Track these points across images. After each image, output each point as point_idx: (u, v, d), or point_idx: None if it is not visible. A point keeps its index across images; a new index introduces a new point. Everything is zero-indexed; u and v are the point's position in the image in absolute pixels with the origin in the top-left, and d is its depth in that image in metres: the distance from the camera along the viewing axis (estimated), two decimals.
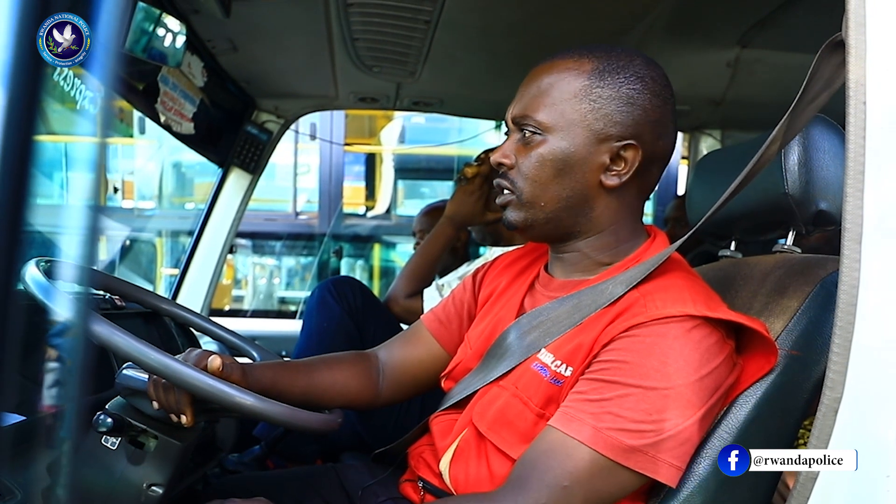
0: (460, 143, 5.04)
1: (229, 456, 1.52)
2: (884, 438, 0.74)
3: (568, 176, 0.92)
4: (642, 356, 0.81)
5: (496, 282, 1.11)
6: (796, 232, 1.02)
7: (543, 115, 0.92)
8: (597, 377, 0.83)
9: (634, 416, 0.79)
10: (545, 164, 0.92)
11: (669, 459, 0.79)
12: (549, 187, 0.93)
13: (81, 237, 0.42)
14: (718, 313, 0.83)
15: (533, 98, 0.94)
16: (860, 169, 0.72)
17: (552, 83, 0.93)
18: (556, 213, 0.94)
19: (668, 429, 0.79)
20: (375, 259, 7.36)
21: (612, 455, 0.79)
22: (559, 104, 0.91)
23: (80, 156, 0.44)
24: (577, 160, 0.91)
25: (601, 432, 0.79)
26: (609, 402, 0.80)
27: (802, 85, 0.77)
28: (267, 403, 0.86)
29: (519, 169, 0.95)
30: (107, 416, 0.88)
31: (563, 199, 0.93)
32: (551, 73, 0.93)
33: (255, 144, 2.22)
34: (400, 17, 1.60)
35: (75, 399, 0.41)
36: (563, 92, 0.92)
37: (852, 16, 0.72)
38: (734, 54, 1.80)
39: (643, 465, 0.79)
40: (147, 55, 1.39)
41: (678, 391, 0.79)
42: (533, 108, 0.93)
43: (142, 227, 6.37)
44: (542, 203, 0.94)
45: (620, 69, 0.91)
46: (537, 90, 0.94)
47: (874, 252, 0.72)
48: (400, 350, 1.18)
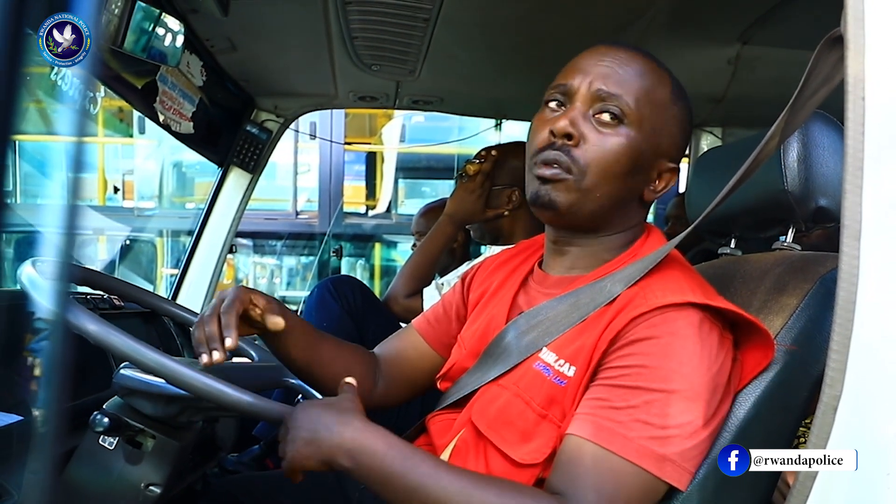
0: (461, 141, 5.03)
1: (228, 456, 1.53)
2: (884, 436, 0.74)
3: (631, 177, 0.91)
4: (661, 359, 0.80)
5: (487, 282, 1.10)
6: (796, 229, 1.02)
7: (635, 104, 0.88)
8: (619, 383, 0.82)
9: (661, 421, 0.78)
10: (621, 157, 0.88)
11: (689, 468, 0.79)
12: (613, 181, 0.89)
13: (61, 236, 0.42)
14: (717, 302, 0.83)
15: (627, 80, 0.88)
16: (859, 165, 0.72)
17: (645, 75, 0.90)
18: (603, 208, 0.91)
19: (690, 432, 0.79)
20: (376, 258, 7.35)
21: (648, 466, 0.78)
22: (649, 103, 0.89)
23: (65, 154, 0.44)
24: (643, 165, 0.91)
25: (633, 442, 0.78)
26: (636, 409, 0.79)
27: (801, 81, 0.77)
28: (265, 403, 0.85)
29: (587, 150, 0.88)
30: (104, 416, 0.88)
31: (615, 198, 0.91)
32: (643, 66, 0.90)
33: (254, 144, 2.22)
34: (399, 14, 1.59)
35: (59, 399, 0.41)
36: (655, 93, 0.90)
37: (851, 11, 0.72)
38: (735, 51, 1.80)
39: (672, 474, 0.78)
40: (146, 54, 1.39)
41: (697, 391, 0.79)
42: (627, 89, 0.88)
43: (142, 227, 6.37)
44: (598, 194, 0.90)
45: (685, 98, 0.94)
46: (630, 74, 0.89)
47: (873, 249, 0.72)
48: (392, 349, 1.18)
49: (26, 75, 0.40)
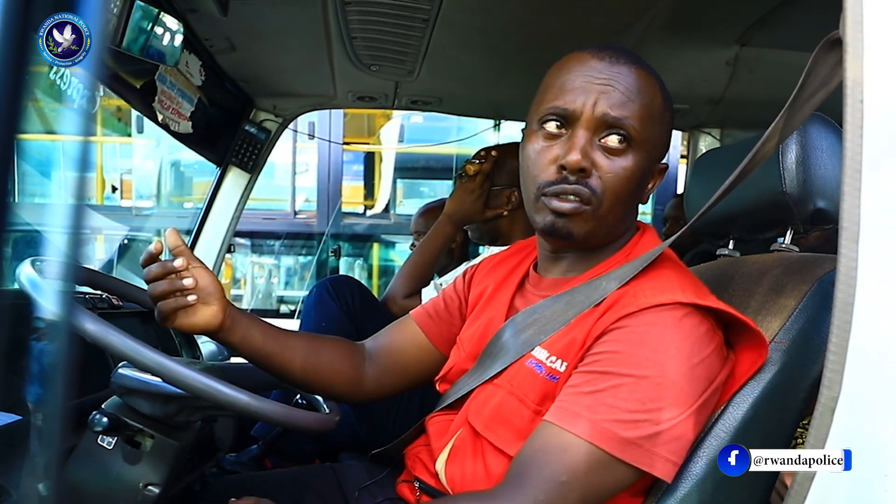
0: (459, 141, 5.03)
1: (227, 456, 1.52)
2: (881, 437, 0.74)
3: (636, 195, 0.91)
4: (633, 345, 0.81)
5: (485, 283, 1.11)
6: (794, 231, 1.02)
7: (639, 125, 0.86)
8: (590, 369, 0.83)
9: (629, 405, 0.78)
10: (631, 181, 0.87)
11: (665, 454, 0.78)
12: (624, 205, 0.89)
13: (66, 235, 0.42)
14: (708, 301, 0.83)
15: (629, 101, 0.85)
16: (857, 168, 0.72)
17: (642, 90, 0.87)
18: (613, 228, 0.92)
19: (664, 420, 0.78)
20: (374, 258, 7.36)
21: (609, 448, 0.77)
22: (647, 119, 0.87)
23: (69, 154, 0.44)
24: (645, 181, 0.92)
25: (597, 424, 0.78)
26: (603, 392, 0.79)
27: (799, 83, 0.77)
28: (262, 402, 0.85)
29: (601, 178, 0.86)
30: (103, 416, 0.88)
31: (623, 216, 0.92)
32: (639, 78, 0.87)
33: (253, 143, 2.22)
34: (398, 15, 1.59)
35: (61, 399, 0.41)
36: (652, 107, 0.88)
37: (849, 14, 0.72)
38: (733, 53, 1.80)
39: (639, 458, 0.78)
40: (145, 54, 1.39)
41: (671, 380, 0.79)
42: (631, 112, 0.85)
43: (140, 227, 6.36)
44: (611, 219, 0.89)
45: (669, 97, 0.92)
46: (631, 93, 0.86)
47: (872, 251, 0.72)
48: (385, 338, 1.18)
49: (31, 75, 0.40)
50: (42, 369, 0.50)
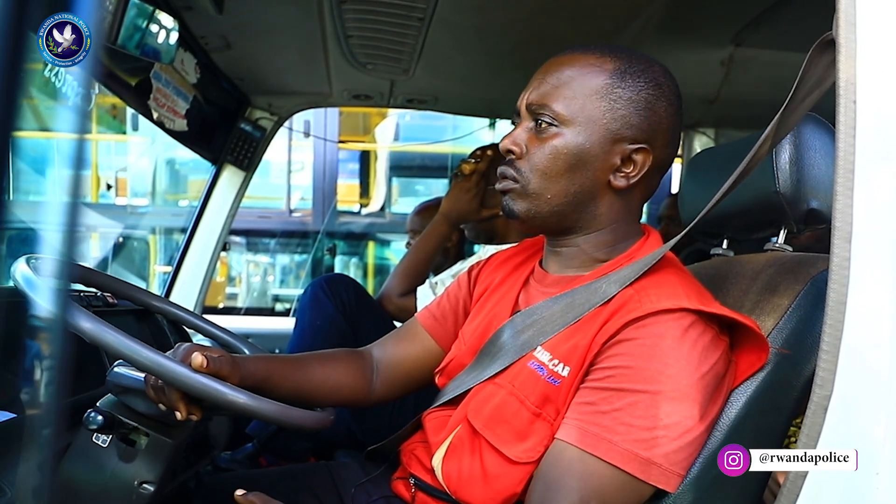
0: (455, 140, 5.04)
1: (222, 454, 1.52)
2: (873, 436, 0.74)
3: (579, 172, 0.92)
4: (645, 360, 0.81)
5: (491, 278, 1.11)
6: (787, 230, 1.03)
7: (563, 107, 0.91)
8: (604, 385, 0.83)
9: (647, 423, 0.79)
10: (559, 158, 0.92)
11: (679, 471, 0.81)
12: (558, 181, 0.93)
13: (61, 233, 0.42)
14: (712, 308, 0.84)
15: (553, 88, 0.93)
16: (850, 168, 0.72)
17: (573, 76, 0.92)
18: (561, 207, 0.94)
19: (679, 433, 0.80)
20: (370, 257, 7.35)
21: (632, 470, 0.79)
22: (580, 98, 0.91)
23: (64, 152, 0.44)
24: (590, 157, 0.92)
25: (618, 447, 0.80)
26: (620, 412, 0.81)
27: (794, 84, 0.77)
28: (259, 401, 0.85)
29: (529, 159, 0.94)
30: (97, 414, 0.88)
31: (569, 195, 0.93)
32: (573, 65, 0.93)
33: (248, 141, 2.22)
34: (393, 14, 1.59)
35: (58, 397, 0.41)
36: (585, 87, 0.91)
37: (842, 15, 0.73)
38: (728, 53, 1.81)
39: (658, 478, 0.80)
40: (140, 52, 1.39)
41: (684, 392, 0.80)
42: (552, 97, 0.92)
43: (135, 225, 6.35)
44: (549, 196, 0.94)
45: (641, 73, 0.91)
46: (557, 80, 0.93)
47: (864, 251, 0.73)
48: (394, 347, 1.17)
49: (27, 73, 0.40)
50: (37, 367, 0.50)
